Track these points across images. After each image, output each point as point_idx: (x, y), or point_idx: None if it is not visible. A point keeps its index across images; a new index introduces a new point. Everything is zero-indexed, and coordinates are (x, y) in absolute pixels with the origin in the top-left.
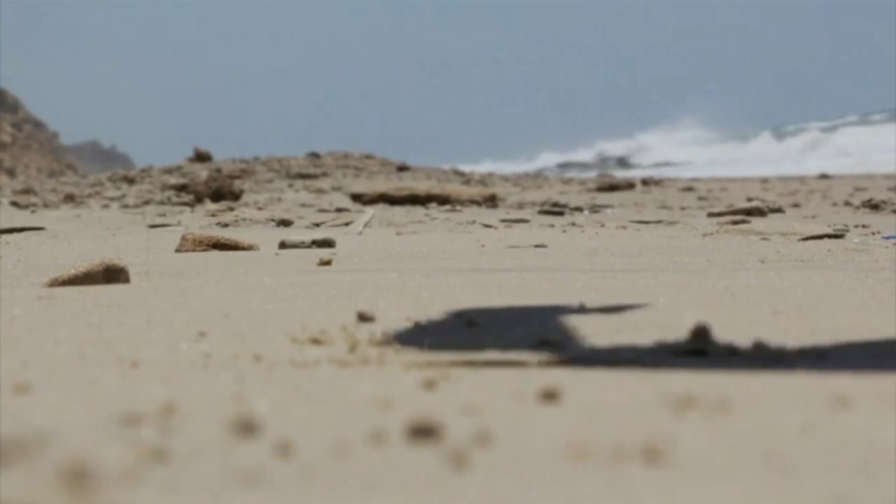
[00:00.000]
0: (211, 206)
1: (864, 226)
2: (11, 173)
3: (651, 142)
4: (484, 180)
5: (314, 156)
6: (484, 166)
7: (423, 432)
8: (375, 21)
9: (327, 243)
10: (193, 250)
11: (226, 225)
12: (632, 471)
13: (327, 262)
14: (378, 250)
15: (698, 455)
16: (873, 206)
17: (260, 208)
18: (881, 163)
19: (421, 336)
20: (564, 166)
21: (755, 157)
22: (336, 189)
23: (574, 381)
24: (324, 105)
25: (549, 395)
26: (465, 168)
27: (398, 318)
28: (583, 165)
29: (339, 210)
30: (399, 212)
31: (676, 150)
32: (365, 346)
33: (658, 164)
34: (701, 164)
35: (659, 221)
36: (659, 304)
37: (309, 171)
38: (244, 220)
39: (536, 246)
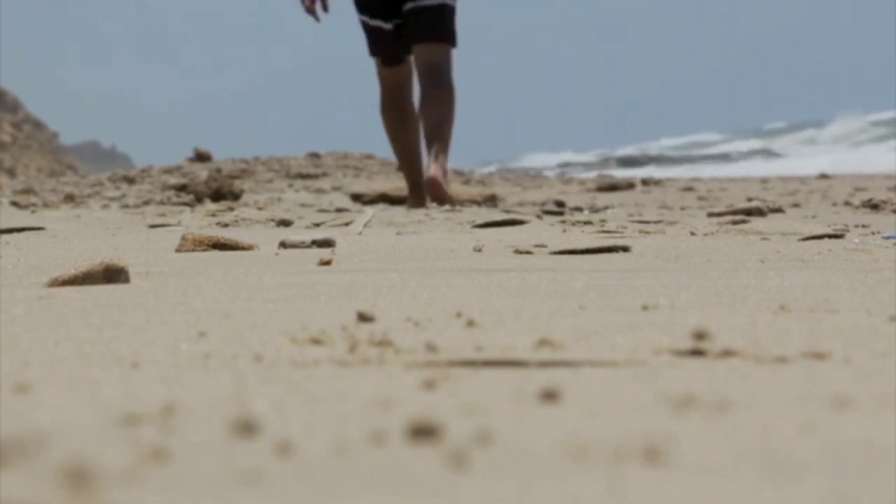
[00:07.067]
0: (211, 206)
1: (864, 226)
2: (11, 173)
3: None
4: (484, 180)
5: (314, 156)
6: (484, 166)
7: (423, 432)
8: None
9: (327, 243)
10: (193, 250)
11: (226, 225)
12: (632, 471)
13: (327, 262)
14: (378, 250)
15: (698, 455)
16: (873, 206)
17: (260, 208)
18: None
19: (421, 336)
20: (565, 166)
21: None
22: (336, 189)
23: (574, 381)
24: (324, 105)
25: (549, 395)
26: (466, 168)
27: (398, 318)
28: (584, 165)
29: (339, 210)
30: (399, 212)
31: None
32: (365, 346)
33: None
34: None
35: (659, 221)
36: (659, 304)
37: (309, 171)
38: (244, 220)
39: (536, 246)
